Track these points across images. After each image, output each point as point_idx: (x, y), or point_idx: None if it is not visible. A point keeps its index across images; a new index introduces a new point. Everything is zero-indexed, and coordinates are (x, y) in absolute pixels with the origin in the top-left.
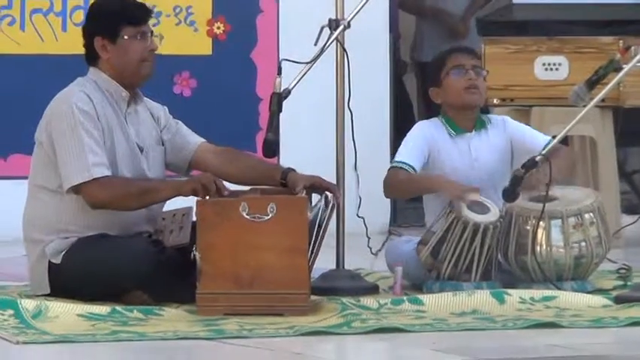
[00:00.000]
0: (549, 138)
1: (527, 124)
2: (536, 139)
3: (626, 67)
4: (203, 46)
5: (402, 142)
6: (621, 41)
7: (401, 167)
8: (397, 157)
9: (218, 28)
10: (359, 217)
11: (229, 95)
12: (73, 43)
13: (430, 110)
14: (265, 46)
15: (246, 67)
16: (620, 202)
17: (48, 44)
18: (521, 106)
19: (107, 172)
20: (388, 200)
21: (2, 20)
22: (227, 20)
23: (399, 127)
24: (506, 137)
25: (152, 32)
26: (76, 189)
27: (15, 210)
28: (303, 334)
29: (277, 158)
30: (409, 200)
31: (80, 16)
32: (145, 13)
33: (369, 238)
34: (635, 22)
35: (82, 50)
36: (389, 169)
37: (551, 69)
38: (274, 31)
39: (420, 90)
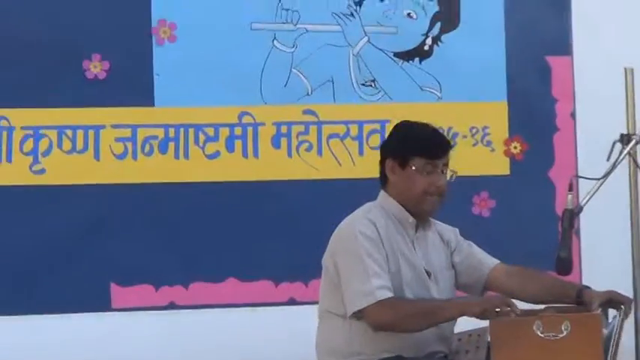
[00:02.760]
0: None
1: None
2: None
3: None
4: (500, 166)
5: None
6: None
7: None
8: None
9: (515, 147)
10: None
11: (528, 215)
12: (368, 167)
13: None
14: (563, 164)
15: (544, 187)
16: None
17: (344, 169)
18: None
19: (390, 294)
20: None
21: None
22: (524, 139)
23: None
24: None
25: (446, 167)
26: (360, 313)
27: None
28: None
29: (579, 276)
30: None
31: (377, 140)
32: (442, 150)
33: None
34: None
35: (376, 174)
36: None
37: None
38: (572, 148)
39: None
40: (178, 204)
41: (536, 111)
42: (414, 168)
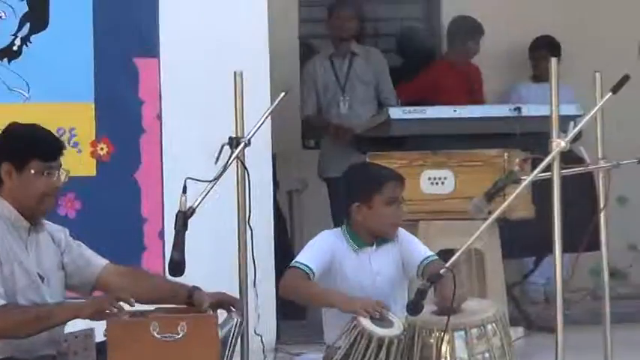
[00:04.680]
0: (431, 253)
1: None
2: (419, 251)
3: (527, 179)
4: (87, 167)
5: (306, 246)
6: (506, 154)
7: (301, 268)
8: (298, 258)
9: (102, 149)
10: (257, 334)
11: (114, 216)
12: None
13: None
14: (149, 165)
15: (131, 188)
16: None
17: None
18: (408, 220)
19: (2, 302)
20: (274, 316)
21: None
22: (110, 141)
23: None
24: (399, 248)
25: (60, 167)
26: None
27: None
28: None
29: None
30: (292, 317)
31: None
32: (57, 150)
33: (265, 356)
34: (514, 134)
35: None
36: (288, 268)
37: (437, 183)
38: (157, 150)
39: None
40: None
41: (122, 112)
42: (32, 171)
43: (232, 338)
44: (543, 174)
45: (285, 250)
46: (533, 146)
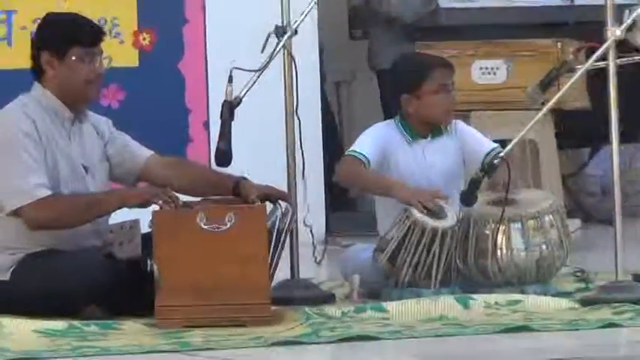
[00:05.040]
0: (495, 145)
1: None
2: (482, 144)
3: (582, 68)
4: (129, 58)
5: (360, 136)
6: (559, 43)
7: (357, 157)
8: (353, 147)
9: (144, 39)
10: (306, 225)
11: (157, 107)
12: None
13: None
14: (192, 56)
15: (174, 78)
16: None
17: None
18: (460, 111)
19: (48, 192)
20: (323, 208)
21: None
22: (153, 31)
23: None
24: (458, 141)
25: (102, 53)
26: (17, 211)
27: None
28: (273, 345)
29: None
30: (342, 209)
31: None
32: (97, 36)
33: (314, 247)
34: (567, 23)
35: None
36: (344, 156)
37: (489, 73)
38: (201, 40)
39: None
40: None
41: (165, 2)
42: (74, 58)
43: (281, 230)
44: (598, 63)
45: (333, 141)
46: (587, 35)
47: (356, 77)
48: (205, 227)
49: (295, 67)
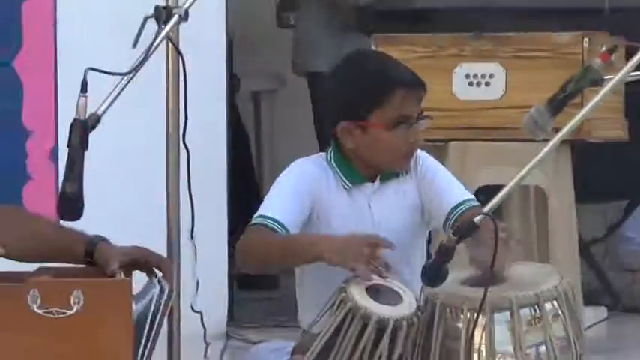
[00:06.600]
0: (469, 196)
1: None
2: (451, 192)
3: (615, 78)
4: None
5: (272, 188)
6: (586, 39)
7: (266, 225)
8: (264, 211)
9: None
10: (195, 311)
11: None
12: None
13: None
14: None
15: (7, 83)
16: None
17: None
18: (432, 141)
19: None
20: (224, 286)
21: None
22: None
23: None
24: (420, 184)
25: None
26: None
27: None
28: None
29: None
30: (252, 287)
31: None
32: None
33: (207, 345)
34: (601, 10)
35: None
36: (249, 226)
37: (479, 83)
38: (49, 28)
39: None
40: None
41: None
42: None
43: (155, 315)
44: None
45: (246, 181)
46: (627, 29)
47: (285, 84)
48: (39, 311)
49: (184, 70)
